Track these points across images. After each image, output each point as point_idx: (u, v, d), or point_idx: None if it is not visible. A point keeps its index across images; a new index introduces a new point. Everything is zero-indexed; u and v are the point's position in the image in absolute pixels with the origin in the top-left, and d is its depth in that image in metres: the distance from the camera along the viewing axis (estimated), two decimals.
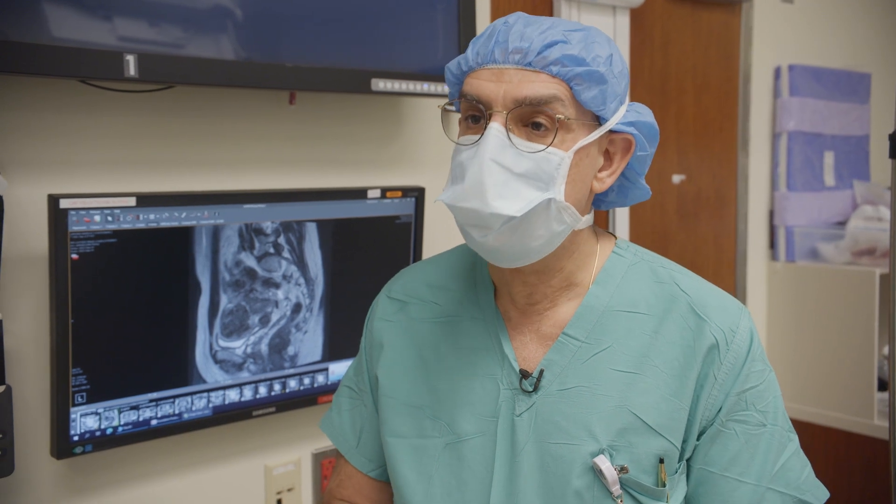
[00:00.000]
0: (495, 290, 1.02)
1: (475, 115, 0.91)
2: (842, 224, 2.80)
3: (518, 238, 0.88)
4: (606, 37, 0.93)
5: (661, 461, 0.92)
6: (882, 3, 3.11)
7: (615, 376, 0.94)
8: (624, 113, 0.93)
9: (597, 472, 0.91)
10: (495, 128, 0.87)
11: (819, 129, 2.81)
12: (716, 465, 0.94)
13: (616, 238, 1.04)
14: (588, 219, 0.96)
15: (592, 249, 0.99)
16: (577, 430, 0.92)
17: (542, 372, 0.95)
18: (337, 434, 1.12)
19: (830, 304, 2.59)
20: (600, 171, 0.95)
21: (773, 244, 2.78)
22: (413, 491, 0.99)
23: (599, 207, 1.05)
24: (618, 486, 0.91)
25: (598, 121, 0.92)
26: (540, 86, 0.87)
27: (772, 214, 2.78)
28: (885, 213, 2.69)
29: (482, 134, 0.88)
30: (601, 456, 0.91)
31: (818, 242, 2.72)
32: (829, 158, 2.87)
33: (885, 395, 2.58)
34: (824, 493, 0.97)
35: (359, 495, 1.10)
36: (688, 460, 0.96)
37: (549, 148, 0.88)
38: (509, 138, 0.87)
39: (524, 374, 0.96)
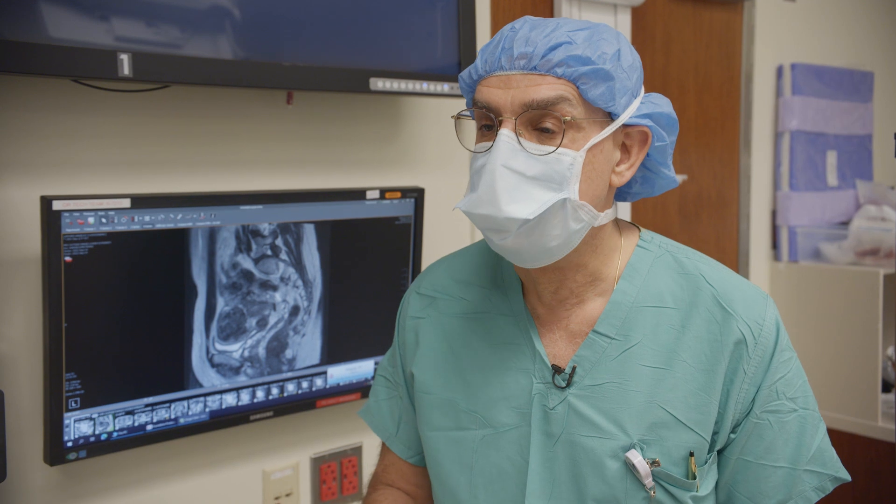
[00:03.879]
0: (522, 287, 1.04)
1: (488, 124, 0.93)
2: (845, 224, 2.78)
3: (536, 239, 0.90)
4: (615, 32, 0.94)
5: (692, 454, 0.94)
6: (884, 1, 3.09)
7: (644, 372, 0.96)
8: (638, 105, 0.94)
9: (629, 466, 0.94)
10: (505, 134, 0.89)
11: (821, 128, 2.79)
12: (752, 454, 0.97)
13: (640, 230, 1.04)
14: (609, 213, 0.97)
15: (616, 244, 1.00)
16: (608, 425, 0.95)
17: (574, 368, 0.97)
18: (376, 422, 1.16)
19: (834, 305, 2.57)
20: (618, 164, 0.96)
21: (775, 244, 2.76)
22: (457, 481, 1.03)
23: (625, 199, 1.06)
24: (650, 479, 0.93)
25: (610, 117, 0.92)
26: (546, 88, 0.89)
27: (774, 214, 2.76)
28: (889, 212, 2.67)
29: (494, 140, 0.90)
30: (633, 450, 0.94)
31: (821, 242, 2.70)
32: (831, 158, 2.85)
33: (889, 396, 2.56)
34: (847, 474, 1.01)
35: (402, 480, 1.15)
36: (722, 451, 0.98)
37: (560, 149, 0.89)
38: (520, 143, 0.89)
39: (557, 370, 0.98)
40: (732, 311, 0.96)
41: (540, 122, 0.90)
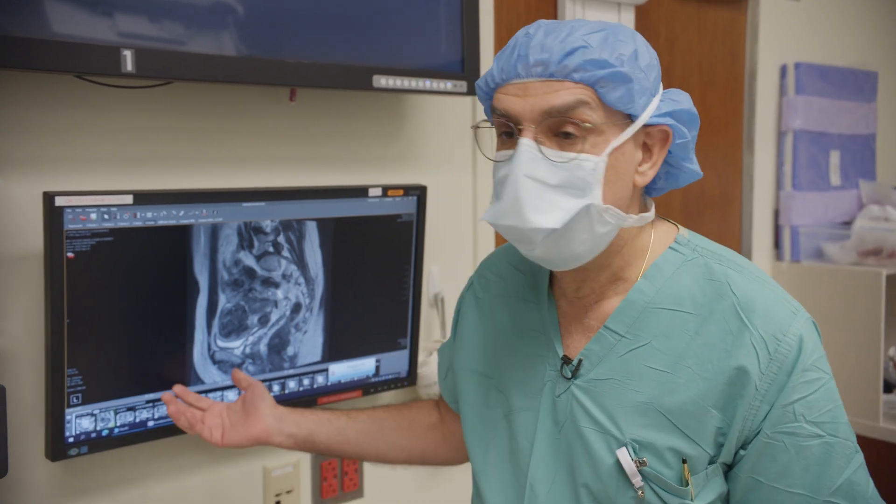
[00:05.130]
0: (552, 278, 1.07)
1: (508, 131, 0.93)
2: (847, 224, 2.78)
3: (563, 246, 0.91)
4: (631, 32, 0.93)
5: (685, 461, 0.93)
6: (889, 1, 3.08)
7: (648, 373, 0.95)
8: (657, 104, 0.93)
9: (620, 463, 0.94)
10: (526, 143, 0.89)
11: (825, 127, 2.78)
12: (765, 475, 0.93)
13: (679, 230, 1.03)
14: (645, 216, 0.98)
15: (645, 243, 1.00)
16: (604, 420, 0.96)
17: (580, 361, 0.99)
18: (440, 360, 1.29)
19: (836, 305, 2.56)
20: (640, 164, 0.95)
21: (777, 244, 2.76)
22: (474, 454, 1.10)
23: (650, 194, 1.06)
24: (638, 479, 0.93)
25: (630, 118, 0.92)
26: (565, 94, 0.88)
27: (777, 214, 2.76)
28: (892, 212, 2.66)
29: (515, 149, 0.90)
30: (623, 449, 0.94)
31: (823, 242, 2.70)
32: (834, 157, 2.84)
33: (891, 396, 2.56)
34: None
35: (444, 408, 1.29)
36: (732, 466, 0.95)
37: (581, 155, 0.89)
38: (541, 151, 0.89)
39: (566, 361, 1.00)
40: (749, 324, 0.92)
41: (560, 129, 0.89)
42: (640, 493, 0.93)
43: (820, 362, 0.93)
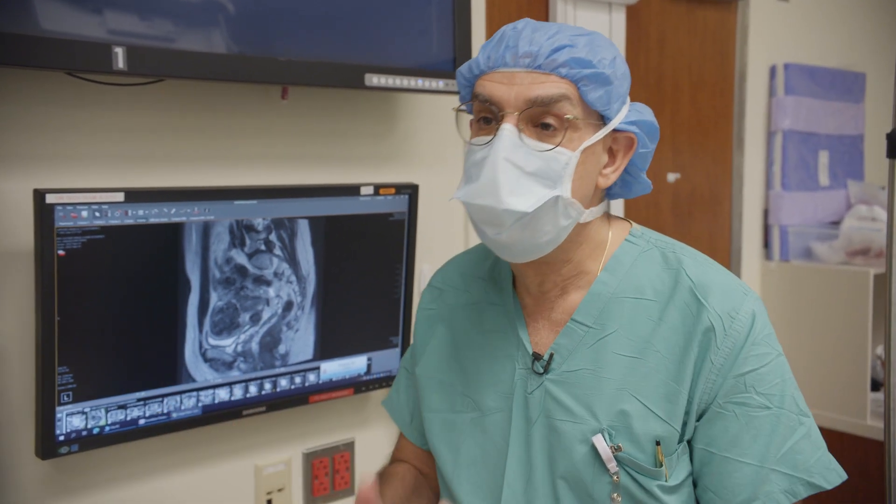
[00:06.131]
0: (514, 279, 1.09)
1: (487, 117, 0.96)
2: (836, 224, 2.80)
3: (528, 234, 0.94)
4: (609, 41, 0.99)
5: (658, 443, 0.96)
6: (877, 2, 3.10)
7: (618, 360, 0.99)
8: (626, 112, 0.99)
9: (596, 450, 0.97)
10: (507, 128, 0.92)
11: (814, 128, 2.80)
12: (716, 446, 0.97)
13: (632, 225, 1.08)
14: (595, 211, 1.01)
15: (603, 238, 1.04)
16: (579, 410, 0.99)
17: (551, 355, 1.01)
18: (395, 411, 1.23)
19: (824, 304, 2.58)
20: (605, 167, 1.00)
21: (767, 243, 2.77)
22: (444, 460, 1.09)
23: (604, 199, 1.10)
24: (614, 464, 0.96)
25: (603, 120, 0.97)
26: (550, 86, 0.92)
27: (766, 213, 2.77)
28: (879, 212, 2.68)
29: (495, 134, 0.93)
30: (598, 435, 0.96)
31: (812, 242, 2.72)
32: (823, 158, 2.86)
33: (879, 395, 2.57)
34: (838, 477, 0.97)
35: (416, 460, 1.22)
36: (689, 441, 0.99)
37: (558, 147, 0.93)
38: (521, 138, 0.93)
39: (536, 357, 1.02)
40: (706, 303, 0.97)
41: (540, 120, 0.93)
42: (614, 477, 0.96)
43: (770, 339, 0.98)
